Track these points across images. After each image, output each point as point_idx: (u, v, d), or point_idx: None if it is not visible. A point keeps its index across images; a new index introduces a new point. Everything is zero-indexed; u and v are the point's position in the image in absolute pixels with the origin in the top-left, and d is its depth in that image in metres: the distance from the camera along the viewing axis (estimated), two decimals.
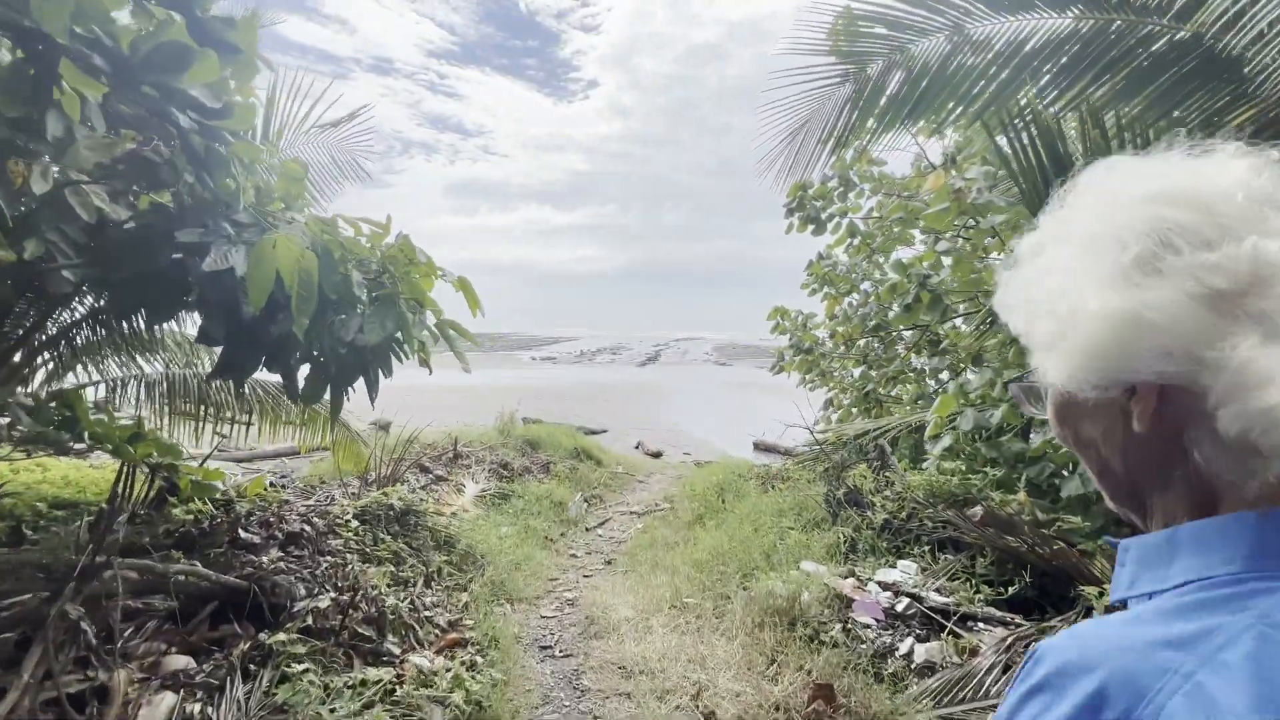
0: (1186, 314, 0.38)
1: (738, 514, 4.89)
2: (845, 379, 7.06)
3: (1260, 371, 0.36)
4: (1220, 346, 0.37)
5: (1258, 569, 0.36)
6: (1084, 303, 0.42)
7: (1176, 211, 0.40)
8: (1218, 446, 0.39)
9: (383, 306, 2.36)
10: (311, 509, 3.59)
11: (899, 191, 5.62)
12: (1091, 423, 0.47)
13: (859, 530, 3.54)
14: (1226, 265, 0.38)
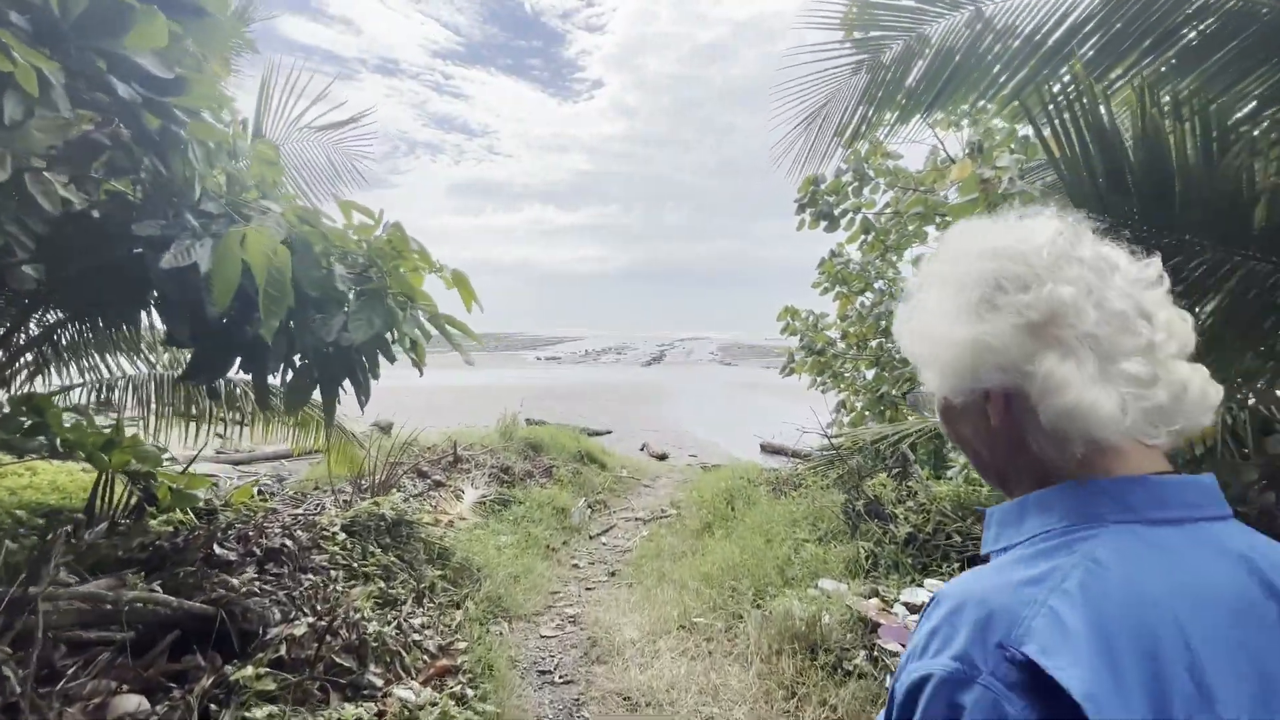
0: (1012, 339, 0.52)
1: (748, 523, 4.66)
2: (857, 381, 6.82)
3: (1058, 379, 0.50)
4: (1035, 362, 0.51)
5: (1079, 521, 0.50)
6: (946, 331, 0.55)
7: (1004, 264, 0.54)
8: (1044, 435, 0.52)
9: (369, 303, 2.15)
10: (297, 520, 3.39)
11: (916, 185, 5.38)
12: (964, 422, 0.59)
13: (880, 544, 3.31)
14: (1036, 303, 0.52)
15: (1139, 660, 0.41)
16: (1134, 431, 0.50)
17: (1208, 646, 0.42)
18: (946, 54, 3.68)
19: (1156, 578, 0.45)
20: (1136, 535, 0.48)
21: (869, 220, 5.80)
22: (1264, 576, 0.47)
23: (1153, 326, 0.52)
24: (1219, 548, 0.48)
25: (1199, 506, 0.50)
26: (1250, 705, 0.42)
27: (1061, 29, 2.94)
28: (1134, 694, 0.40)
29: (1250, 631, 0.44)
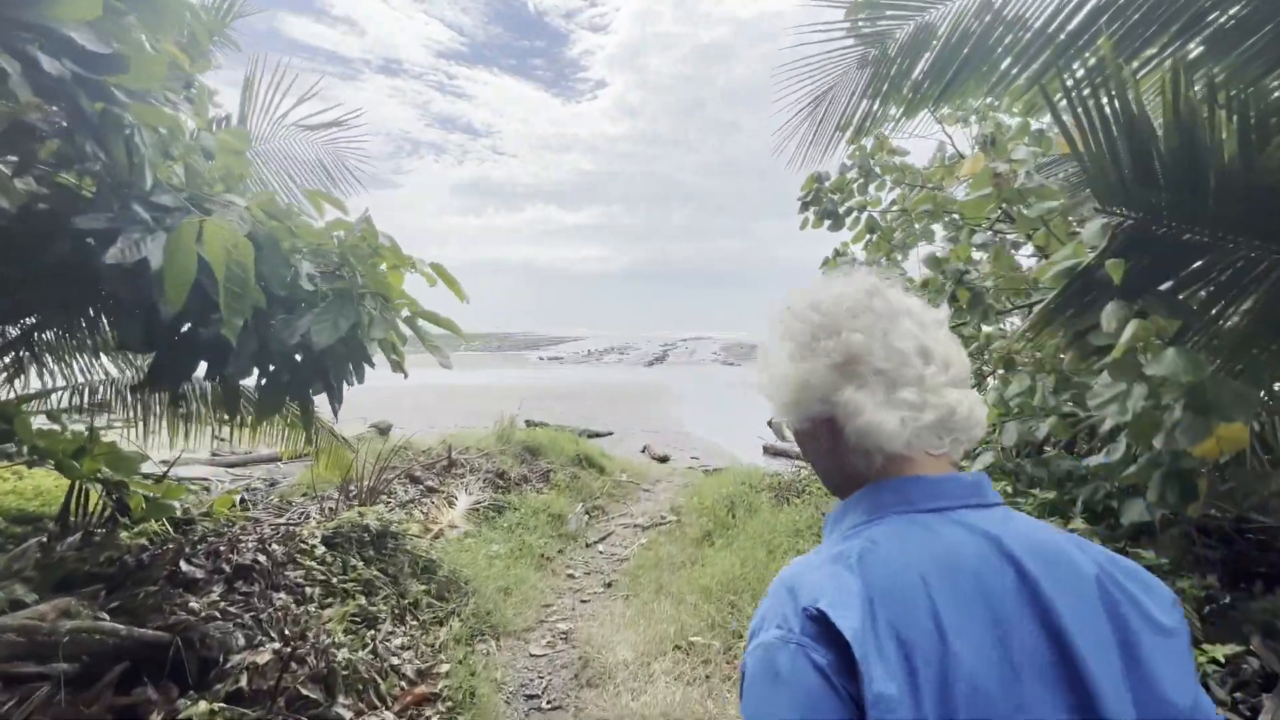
0: (824, 377, 0.66)
1: (749, 532, 4.49)
2: None
3: (855, 405, 0.63)
4: (839, 393, 0.65)
5: (873, 514, 0.63)
6: (783, 373, 0.69)
7: (818, 316, 0.68)
8: (853, 451, 0.66)
9: (336, 303, 1.99)
10: (277, 532, 3.23)
11: (923, 182, 5.20)
12: (808, 445, 0.73)
13: None
14: (838, 347, 0.65)
15: (890, 608, 0.53)
16: (917, 444, 0.63)
17: (945, 597, 0.54)
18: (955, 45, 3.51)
19: (915, 549, 0.58)
20: (909, 520, 0.61)
21: (874, 219, 5.62)
22: (1004, 547, 0.58)
23: (926, 362, 0.65)
24: (970, 527, 0.59)
25: (961, 498, 0.62)
26: (990, 640, 0.53)
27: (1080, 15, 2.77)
28: (883, 631, 0.52)
29: (988, 588, 0.55)
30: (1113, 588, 0.57)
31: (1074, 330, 2.83)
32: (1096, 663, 0.53)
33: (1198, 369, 2.10)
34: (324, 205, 2.43)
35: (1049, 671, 0.52)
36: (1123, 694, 0.52)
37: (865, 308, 0.67)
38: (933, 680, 0.50)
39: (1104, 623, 0.55)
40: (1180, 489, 2.56)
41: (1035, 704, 0.51)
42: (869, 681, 0.50)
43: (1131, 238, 2.57)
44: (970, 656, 0.51)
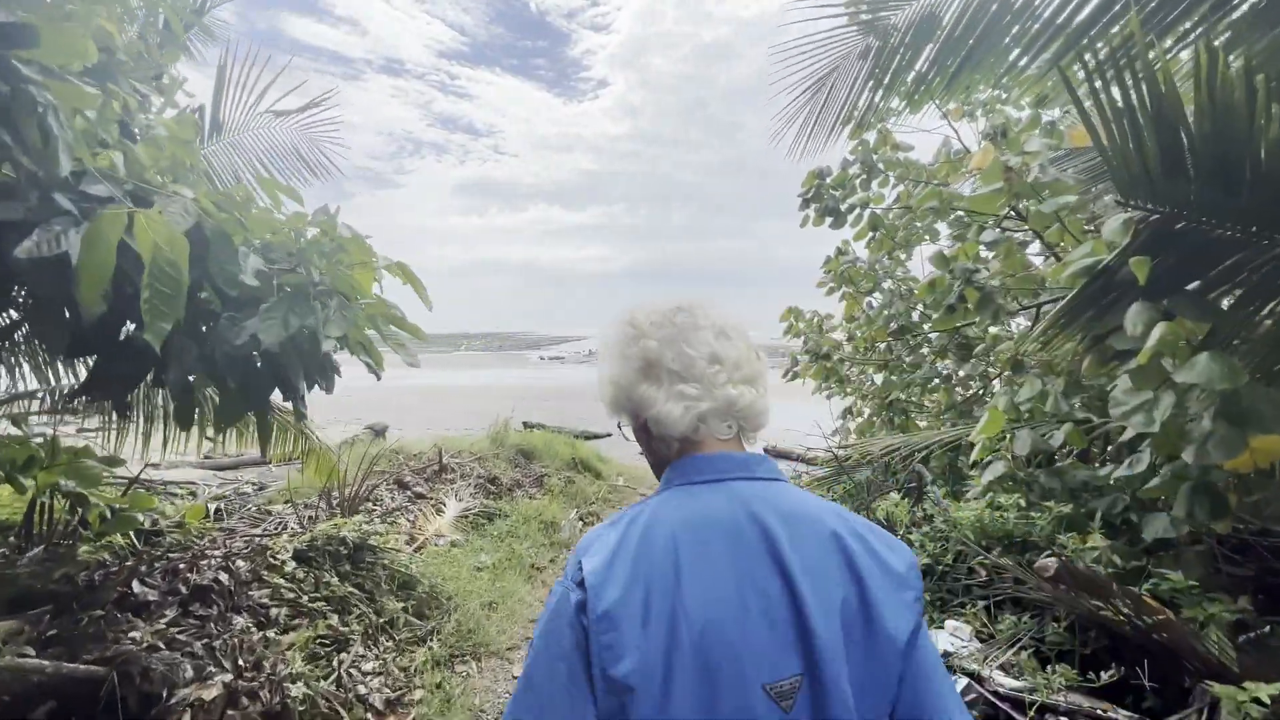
0: (632, 378, 0.79)
1: None
2: (864, 386, 6.45)
3: (649, 399, 0.77)
4: (638, 390, 0.79)
5: (664, 489, 0.77)
6: (607, 376, 0.82)
7: (630, 329, 0.81)
8: (656, 439, 0.81)
9: (287, 299, 1.81)
10: (249, 545, 3.05)
11: (928, 179, 5.01)
12: (640, 441, 0.86)
13: None
14: (640, 353, 0.79)
15: (634, 558, 0.67)
16: (704, 429, 0.78)
17: (689, 548, 0.68)
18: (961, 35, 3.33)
19: (675, 511, 0.72)
20: (685, 490, 0.75)
21: (877, 216, 5.43)
22: (752, 510, 0.71)
23: (712, 364, 0.78)
24: (732, 494, 0.73)
25: (730, 471, 0.76)
26: (728, 581, 0.66)
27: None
28: (619, 575, 0.66)
29: (736, 545, 0.68)
30: (853, 542, 0.70)
31: (1093, 333, 2.64)
32: (815, 599, 0.65)
33: (1234, 376, 1.91)
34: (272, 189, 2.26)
35: (776, 605, 0.65)
36: (834, 623, 0.64)
37: (668, 322, 0.80)
38: (663, 607, 0.63)
39: (837, 568, 0.67)
40: (1210, 504, 2.38)
41: (758, 630, 0.64)
42: (594, 606, 0.64)
43: (1157, 234, 2.38)
44: (703, 593, 0.64)
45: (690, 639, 0.62)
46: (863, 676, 0.65)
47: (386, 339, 2.04)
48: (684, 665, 0.62)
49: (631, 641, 0.62)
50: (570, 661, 0.64)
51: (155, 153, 2.03)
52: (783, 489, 0.76)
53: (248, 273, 1.73)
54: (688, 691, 0.61)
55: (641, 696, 0.61)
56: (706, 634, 0.62)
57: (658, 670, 0.61)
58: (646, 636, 0.62)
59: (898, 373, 6.02)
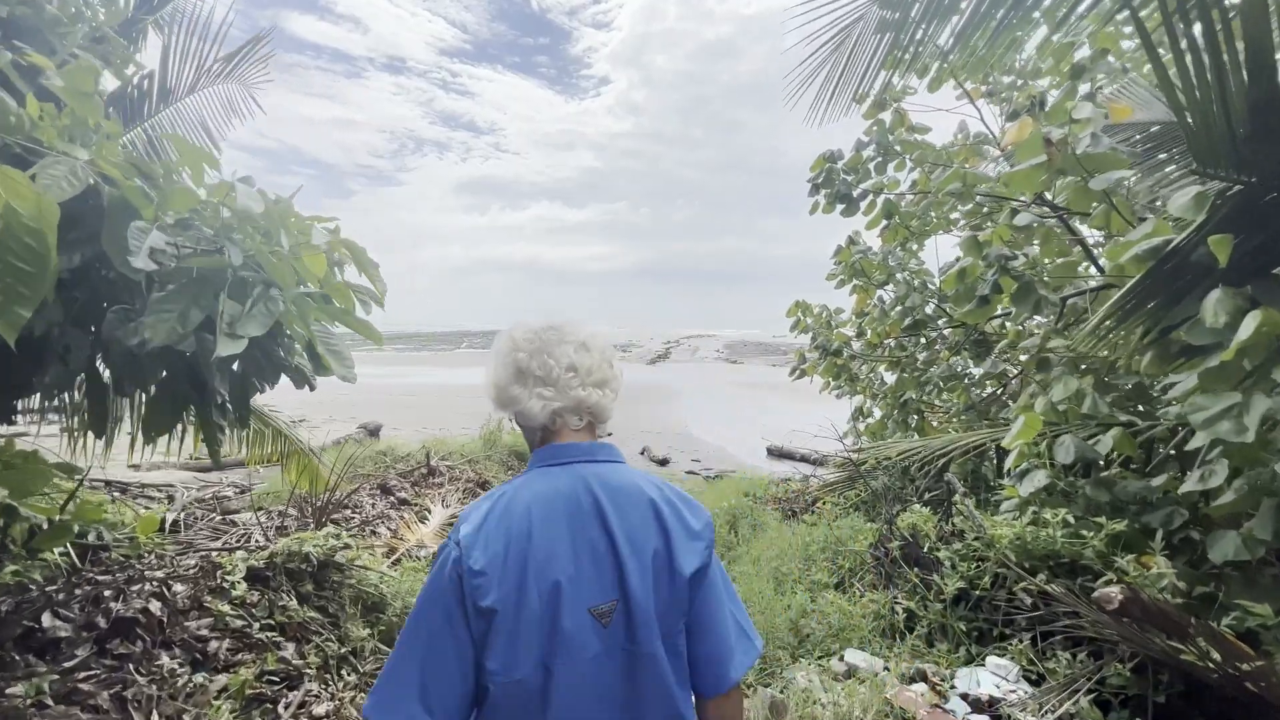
0: (506, 382, 0.98)
1: (754, 554, 3.97)
2: (875, 385, 6.10)
3: (516, 396, 0.96)
4: (510, 390, 0.97)
5: (528, 470, 0.97)
6: (492, 379, 1.01)
7: (506, 341, 1.00)
8: (527, 429, 1.02)
9: (186, 290, 1.48)
10: (194, 566, 2.72)
11: (947, 161, 4.66)
12: (525, 433, 1.05)
13: (923, 600, 2.61)
14: (513, 361, 0.98)
15: (499, 522, 0.87)
16: (560, 422, 0.98)
17: (539, 512, 0.88)
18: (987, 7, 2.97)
19: (530, 487, 0.91)
20: (541, 470, 0.95)
21: (892, 202, 5.07)
22: (590, 484, 0.91)
23: (567, 371, 0.97)
24: (575, 473, 0.93)
25: (575, 456, 0.96)
26: (565, 536, 0.87)
27: None
28: (486, 535, 0.85)
29: (574, 511, 0.89)
30: (665, 507, 0.93)
31: (1158, 325, 2.30)
32: (630, 549, 0.88)
33: None
34: (184, 146, 1.92)
35: (600, 553, 0.87)
36: (644, 565, 0.88)
37: (537, 337, 0.99)
38: (518, 556, 0.84)
39: (650, 527, 0.91)
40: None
41: (587, 571, 0.86)
42: (467, 559, 0.84)
43: (1241, 208, 2.02)
44: (547, 544, 0.86)
45: (536, 577, 0.84)
46: (665, 601, 0.88)
47: (316, 345, 1.70)
48: (531, 595, 0.83)
49: (495, 581, 0.83)
50: (449, 598, 0.83)
51: (51, 109, 1.69)
52: (616, 468, 0.96)
53: (139, 254, 1.39)
54: (534, 612, 0.83)
55: (502, 617, 0.82)
56: (548, 573, 0.84)
57: (512, 599, 0.83)
58: (505, 578, 0.83)
59: (910, 370, 5.68)
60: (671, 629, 0.89)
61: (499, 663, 0.82)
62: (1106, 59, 3.42)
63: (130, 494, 6.65)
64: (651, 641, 0.86)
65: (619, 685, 0.86)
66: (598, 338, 1.02)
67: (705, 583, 0.92)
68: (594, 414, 1.00)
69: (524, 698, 0.83)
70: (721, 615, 0.94)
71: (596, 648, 0.84)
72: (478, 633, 0.82)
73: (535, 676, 0.83)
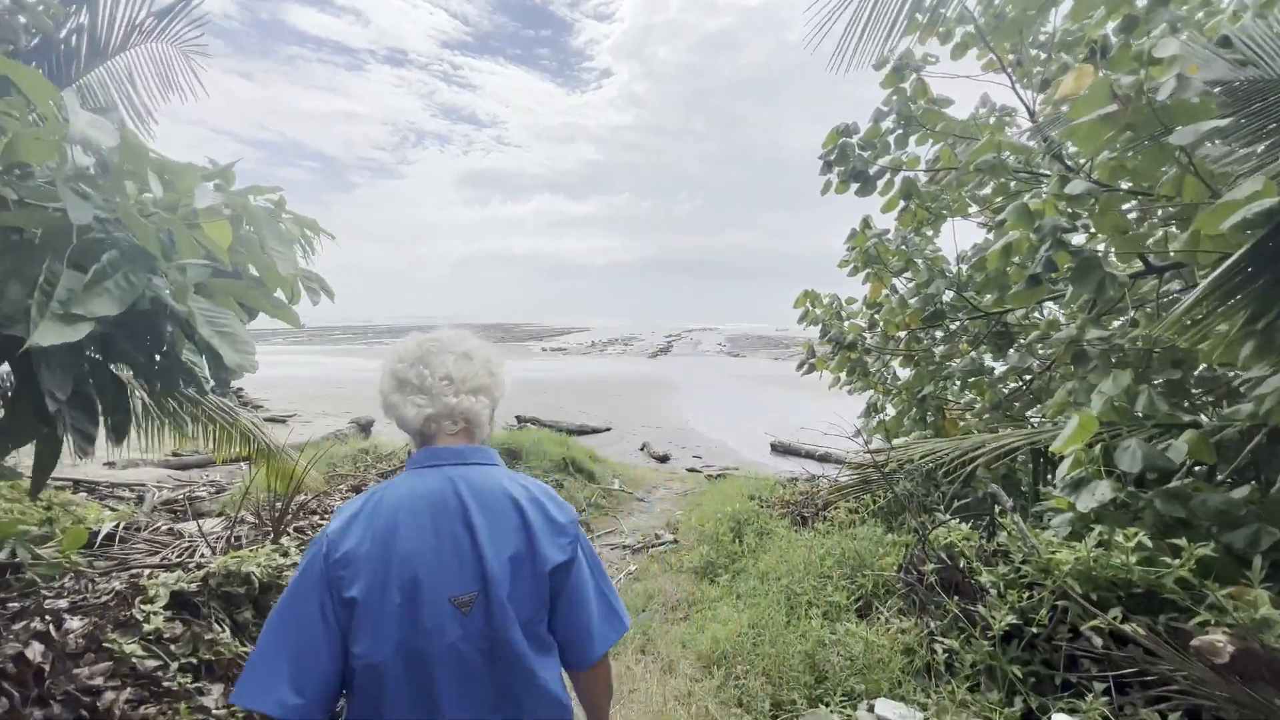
0: (388, 391, 1.07)
1: (762, 568, 3.57)
2: (888, 379, 5.68)
3: (395, 403, 1.06)
4: (391, 398, 1.07)
5: (406, 470, 1.04)
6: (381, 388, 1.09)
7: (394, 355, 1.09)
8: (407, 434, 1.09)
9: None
10: (109, 594, 2.33)
11: (975, 135, 4.22)
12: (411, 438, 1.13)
13: (966, 636, 2.21)
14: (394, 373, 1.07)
15: (366, 520, 0.95)
16: (435, 428, 1.05)
17: (406, 509, 0.96)
18: None
19: (401, 488, 0.99)
20: (415, 471, 1.02)
21: (911, 182, 4.64)
22: (457, 485, 0.99)
23: (440, 380, 1.05)
24: (444, 475, 1.00)
25: (446, 459, 1.03)
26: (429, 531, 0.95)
27: None
28: (353, 531, 0.93)
29: (439, 510, 0.97)
30: (529, 505, 1.01)
31: (1266, 310, 1.87)
32: (491, 545, 0.95)
33: None
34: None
35: (462, 548, 0.94)
36: (504, 560, 0.95)
37: (418, 350, 1.08)
38: (381, 550, 0.92)
39: (512, 524, 0.98)
40: None
41: (449, 563, 0.93)
42: (334, 552, 0.92)
43: None
44: (410, 539, 0.93)
45: (397, 570, 0.92)
46: (524, 593, 0.96)
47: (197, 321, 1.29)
48: (393, 588, 0.91)
49: (359, 574, 0.91)
50: (318, 588, 0.92)
51: None
52: (485, 470, 1.04)
53: None
54: (394, 602, 0.91)
55: (364, 605, 0.90)
56: (411, 568, 0.92)
57: (376, 590, 0.91)
58: (369, 570, 0.91)
59: (926, 364, 5.26)
60: (532, 616, 0.97)
61: (362, 647, 0.90)
62: (1166, 6, 2.97)
63: (99, 494, 6.28)
64: (509, 628, 0.94)
65: (481, 667, 0.93)
66: (481, 349, 1.12)
67: (571, 573, 1.01)
68: (468, 420, 1.08)
69: (388, 679, 0.90)
70: (587, 599, 1.03)
71: (456, 633, 0.92)
72: (343, 620, 0.91)
73: (397, 660, 0.90)
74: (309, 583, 0.91)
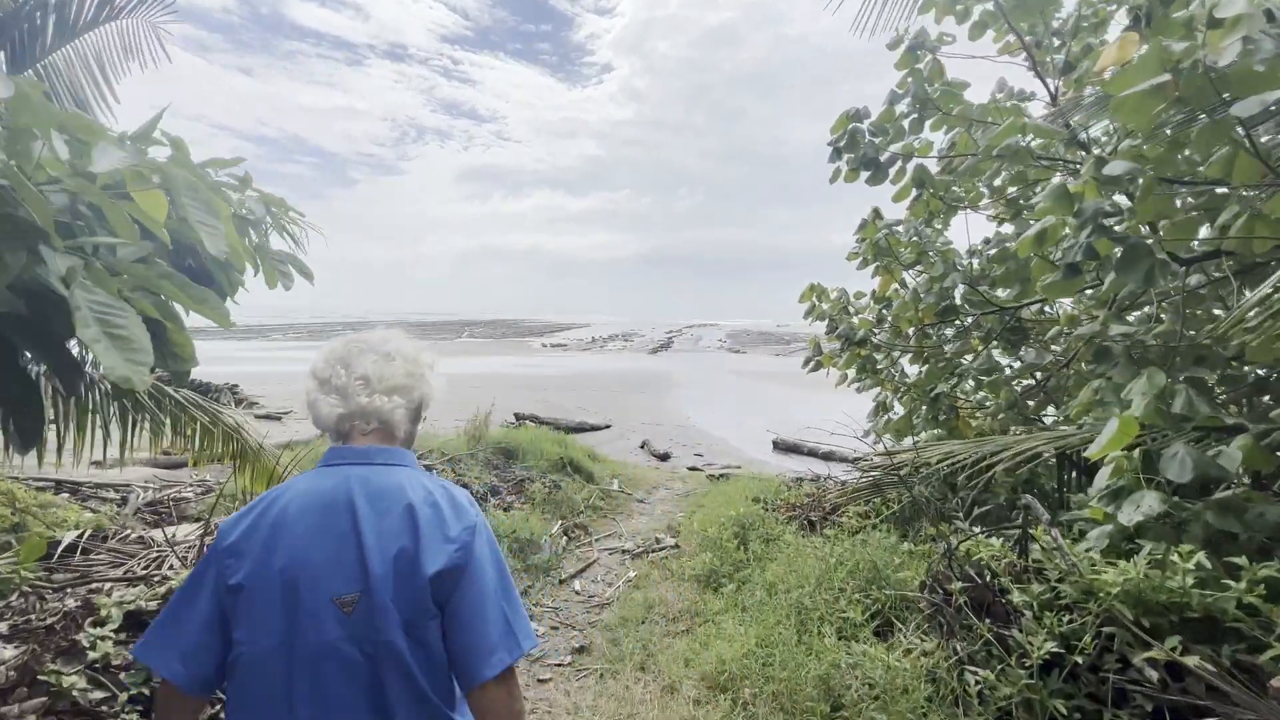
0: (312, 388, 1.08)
1: (769, 578, 3.36)
2: (896, 377, 5.46)
3: (313, 401, 1.07)
4: (311, 395, 1.08)
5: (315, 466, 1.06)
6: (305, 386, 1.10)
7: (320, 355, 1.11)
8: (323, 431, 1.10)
9: None
10: (56, 613, 2.12)
11: (998, 119, 3.99)
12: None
13: (1000, 663, 2.00)
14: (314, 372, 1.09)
15: (259, 515, 0.98)
16: (347, 426, 1.06)
17: (297, 505, 0.97)
18: None
19: (300, 485, 1.01)
20: (319, 470, 1.03)
21: (924, 169, 4.40)
22: (349, 487, 0.99)
23: (356, 380, 1.06)
24: (343, 473, 1.01)
25: (349, 459, 1.03)
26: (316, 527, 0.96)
27: None
28: (243, 525, 0.97)
29: (329, 511, 0.97)
30: (424, 509, 0.99)
31: None
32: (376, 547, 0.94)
33: None
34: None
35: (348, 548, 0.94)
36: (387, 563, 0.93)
37: (340, 351, 1.10)
38: (267, 543, 0.95)
39: (401, 527, 0.96)
40: None
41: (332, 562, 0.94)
42: (222, 543, 0.98)
43: None
44: (296, 536, 0.95)
45: (281, 564, 0.93)
46: (406, 595, 0.94)
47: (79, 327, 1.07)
48: (275, 580, 0.93)
49: (244, 563, 0.94)
50: (208, 571, 0.97)
51: None
52: (387, 471, 1.03)
53: None
54: (275, 594, 0.92)
55: (247, 594, 0.93)
56: (294, 563, 0.94)
57: (258, 581, 0.93)
58: (254, 561, 0.94)
59: (936, 361, 5.04)
60: (416, 620, 0.95)
61: (244, 634, 0.93)
62: None
63: (81, 495, 6.07)
64: (391, 630, 0.93)
65: (363, 668, 0.93)
66: (405, 349, 1.13)
67: (462, 581, 0.97)
68: (381, 420, 1.07)
69: (269, 670, 0.92)
70: (481, 612, 0.98)
71: (338, 633, 0.92)
72: (228, 605, 0.95)
73: (278, 652, 0.92)
74: (203, 565, 0.99)
